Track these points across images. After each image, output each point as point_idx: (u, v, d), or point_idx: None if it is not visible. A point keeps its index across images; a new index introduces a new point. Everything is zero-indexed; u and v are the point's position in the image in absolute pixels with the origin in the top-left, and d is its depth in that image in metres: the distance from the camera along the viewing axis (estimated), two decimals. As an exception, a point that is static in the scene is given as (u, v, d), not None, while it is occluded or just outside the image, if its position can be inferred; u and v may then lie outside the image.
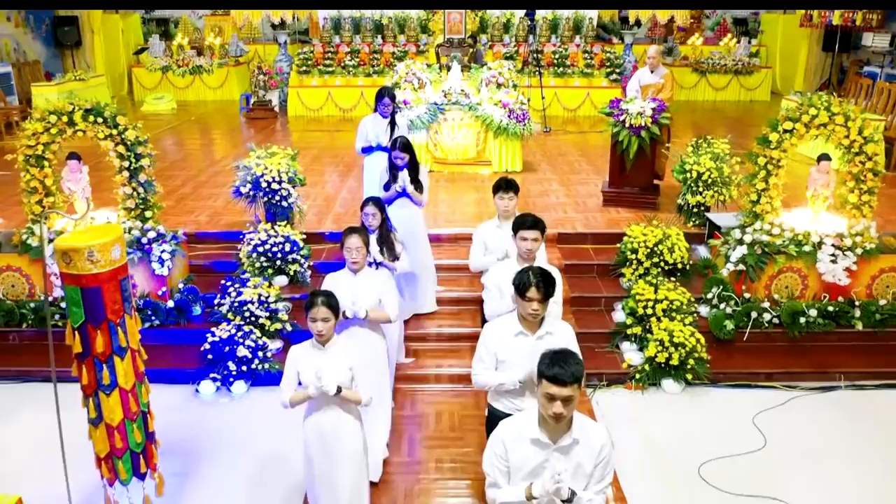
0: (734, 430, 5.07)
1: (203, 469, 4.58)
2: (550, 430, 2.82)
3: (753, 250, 5.87)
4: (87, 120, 5.88)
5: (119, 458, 2.91)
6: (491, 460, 2.91)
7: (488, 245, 4.76)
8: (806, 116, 5.90)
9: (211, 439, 4.93)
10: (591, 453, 2.85)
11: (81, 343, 2.69)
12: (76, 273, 2.60)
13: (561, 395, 2.68)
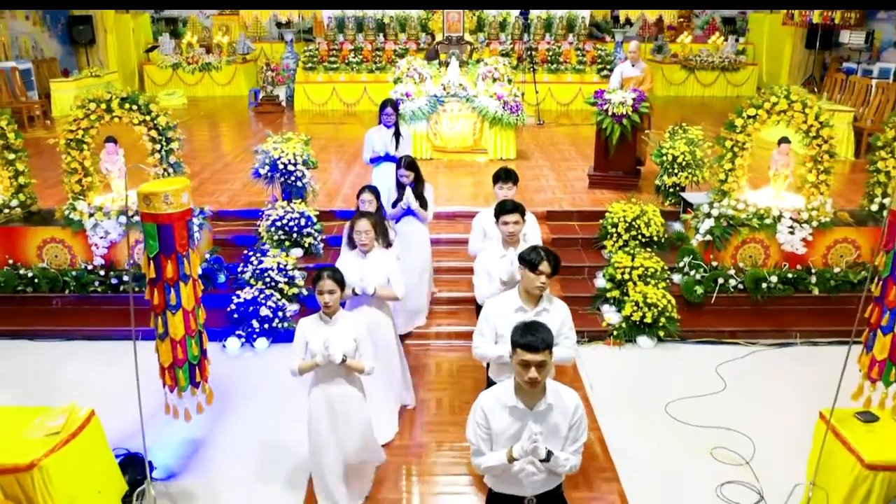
0: (699, 377, 5.82)
1: (230, 414, 5.27)
2: (526, 397, 2.98)
3: (720, 223, 6.63)
4: (123, 107, 6.62)
5: (179, 367, 3.64)
6: (473, 429, 3.06)
7: (487, 232, 5.07)
8: (767, 104, 6.65)
9: (237, 388, 5.63)
10: (566, 416, 3.02)
11: (155, 270, 3.43)
12: (154, 213, 3.34)
13: (534, 361, 2.85)
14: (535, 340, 2.85)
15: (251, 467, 4.69)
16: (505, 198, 4.96)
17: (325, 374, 3.98)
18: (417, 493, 4.51)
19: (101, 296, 6.72)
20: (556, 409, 3.00)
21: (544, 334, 2.89)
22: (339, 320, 3.98)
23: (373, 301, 4.71)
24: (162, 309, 3.51)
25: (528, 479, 3.05)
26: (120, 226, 6.66)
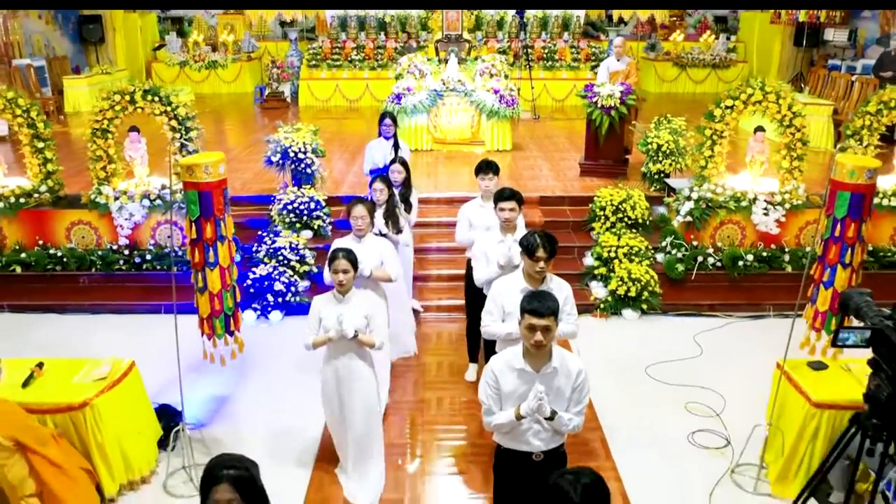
0: (678, 344, 6.39)
1: (250, 376, 5.82)
2: (533, 360, 3.20)
3: (699, 205, 7.20)
4: (146, 98, 7.19)
5: (216, 317, 4.19)
6: (485, 390, 3.29)
7: (472, 222, 5.37)
8: (744, 95, 7.22)
9: (255, 355, 6.15)
10: (569, 379, 3.24)
11: (196, 231, 3.98)
12: (195, 181, 3.90)
13: (540, 325, 3.07)
14: (541, 307, 3.07)
15: (270, 420, 5.23)
16: (487, 188, 5.32)
17: (337, 349, 4.22)
18: (420, 440, 5.06)
19: (124, 273, 7.28)
20: (560, 373, 3.21)
21: (550, 302, 3.10)
22: (352, 298, 4.21)
23: (368, 283, 4.90)
24: (202, 265, 4.07)
25: (535, 437, 3.26)
26: (143, 208, 7.23)
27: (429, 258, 7.51)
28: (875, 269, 7.29)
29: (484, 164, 5.44)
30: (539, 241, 3.79)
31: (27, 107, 7.37)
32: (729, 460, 4.80)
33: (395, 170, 5.97)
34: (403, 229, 5.76)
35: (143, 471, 4.56)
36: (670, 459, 4.85)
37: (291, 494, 4.42)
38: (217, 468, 2.50)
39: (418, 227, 7.54)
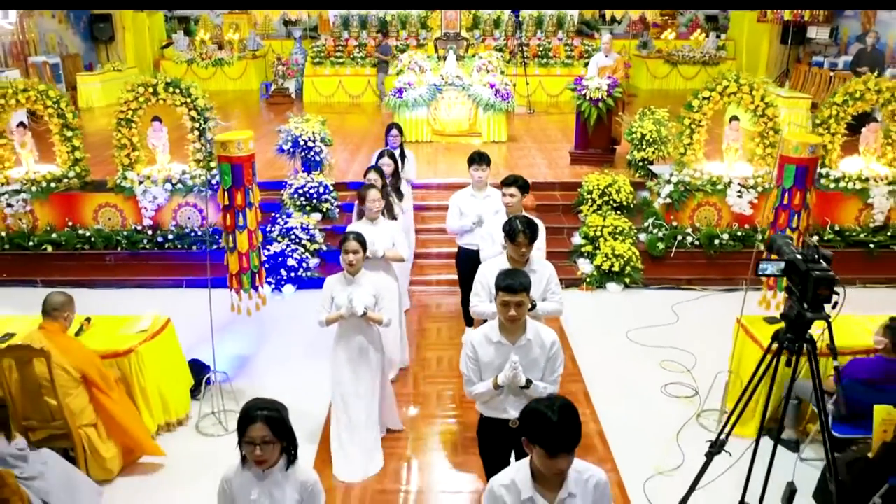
0: (657, 313, 7.05)
1: (268, 340, 6.47)
2: (509, 333, 3.45)
3: (678, 188, 7.86)
4: (168, 90, 7.85)
5: (244, 273, 4.86)
6: (465, 362, 3.54)
7: (462, 210, 5.67)
8: (720, 87, 7.90)
9: (271, 323, 6.80)
10: (543, 350, 3.46)
11: (228, 199, 4.64)
12: (228, 155, 4.56)
13: (513, 301, 3.31)
14: (514, 283, 3.31)
15: (287, 377, 5.86)
16: (479, 179, 5.66)
17: (348, 327, 4.52)
18: (422, 391, 5.73)
19: (148, 252, 7.93)
20: (534, 344, 3.45)
21: (522, 278, 3.35)
22: (361, 278, 4.49)
23: (380, 264, 5.19)
24: (232, 228, 4.73)
25: (511, 406, 3.50)
26: (166, 192, 7.88)
27: (429, 238, 8.17)
28: (841, 247, 7.94)
29: (476, 155, 5.74)
30: (520, 227, 4.00)
31: (57, 98, 8.02)
32: (696, 407, 5.47)
33: (384, 163, 6.23)
34: (398, 217, 6.04)
35: (178, 414, 5.21)
36: (644, 407, 5.51)
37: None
38: (253, 409, 2.85)
39: (420, 209, 8.25)
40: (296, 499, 2.96)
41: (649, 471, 4.75)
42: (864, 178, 8.00)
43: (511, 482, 2.70)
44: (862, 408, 4.33)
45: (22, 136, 8.16)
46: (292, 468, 2.97)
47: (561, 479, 2.64)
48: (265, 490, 2.92)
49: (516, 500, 2.68)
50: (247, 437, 2.83)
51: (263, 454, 2.83)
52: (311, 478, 3.04)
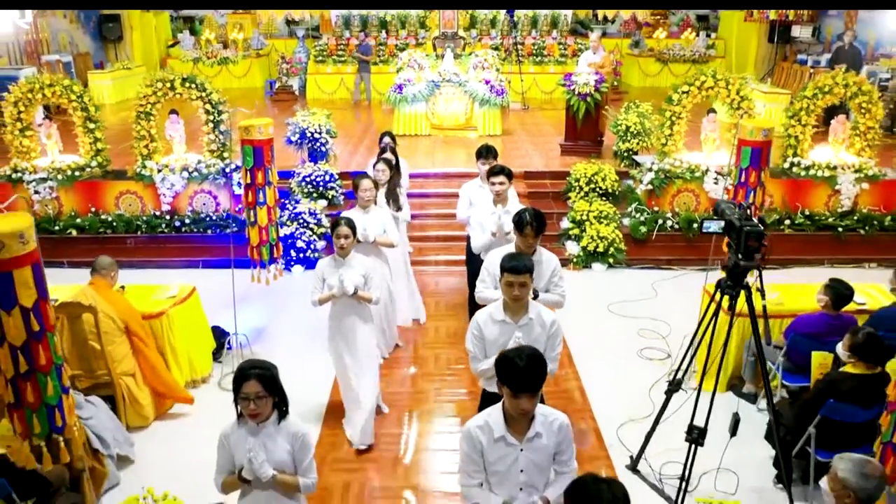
0: (637, 290, 7.71)
1: (274, 322, 7.04)
2: (512, 312, 3.67)
3: (659, 175, 8.53)
4: (184, 86, 8.51)
5: (263, 245, 5.52)
6: (471, 339, 3.74)
7: (472, 201, 5.98)
8: (698, 82, 8.57)
9: (278, 303, 7.43)
10: (544, 329, 3.68)
11: (250, 177, 5.30)
12: (251, 138, 5.22)
13: (517, 281, 3.53)
14: (518, 265, 3.53)
15: (298, 345, 6.50)
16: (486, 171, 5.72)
17: (340, 306, 4.87)
18: (421, 354, 6.39)
19: (166, 235, 8.58)
20: (536, 323, 3.68)
21: (525, 261, 3.58)
22: (351, 260, 4.82)
23: (371, 249, 5.53)
24: (253, 205, 5.39)
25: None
26: (183, 179, 8.54)
27: (428, 223, 8.82)
28: (812, 230, 8.61)
29: (484, 149, 6.11)
30: (528, 219, 4.23)
31: (80, 92, 8.67)
32: (668, 367, 6.12)
33: (380, 169, 6.35)
34: (403, 207, 6.43)
35: (203, 372, 5.88)
36: (621, 368, 6.17)
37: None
38: (247, 368, 3.12)
39: (420, 196, 8.91)
40: (287, 449, 3.21)
41: (622, 419, 5.41)
42: (832, 167, 8.66)
43: (485, 423, 3.02)
44: (807, 359, 4.99)
45: (48, 128, 8.82)
46: (284, 422, 3.23)
47: (528, 421, 2.98)
48: (259, 441, 3.15)
49: (489, 439, 2.99)
50: (242, 393, 3.10)
51: (257, 408, 3.09)
52: (301, 430, 3.27)
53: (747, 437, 4.95)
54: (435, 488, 4.73)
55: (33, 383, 3.06)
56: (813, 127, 8.78)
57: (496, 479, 3.06)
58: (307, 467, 3.28)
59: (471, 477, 3.08)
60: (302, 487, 3.27)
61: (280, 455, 3.20)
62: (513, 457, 3.01)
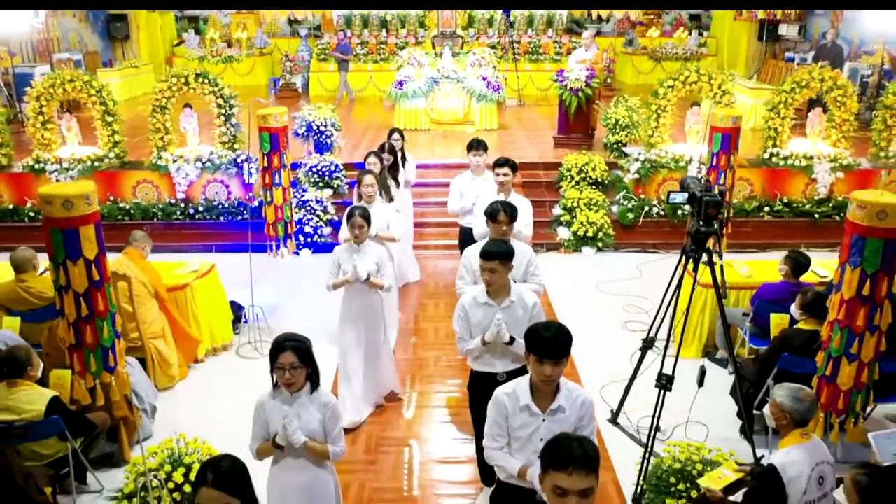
0: (624, 270, 8.29)
1: (285, 301, 7.57)
2: (494, 295, 3.91)
3: (645, 165, 9.11)
4: (198, 81, 9.09)
5: (279, 223, 6.10)
6: (457, 321, 4.01)
7: (463, 193, 6.23)
8: (682, 76, 9.15)
9: (292, 280, 8.01)
10: (525, 311, 3.87)
11: (266, 161, 5.88)
12: (268, 125, 5.80)
13: (487, 267, 3.81)
14: (490, 250, 3.82)
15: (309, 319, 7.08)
16: (477, 164, 6.18)
17: (352, 291, 5.17)
18: (421, 327, 6.96)
19: (181, 222, 9.15)
20: (517, 305, 3.91)
21: (500, 247, 3.84)
22: (365, 248, 5.08)
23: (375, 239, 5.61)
24: (270, 185, 5.97)
25: (498, 361, 3.98)
26: (196, 169, 9.11)
27: (428, 210, 9.40)
28: (790, 217, 9.19)
29: (475, 141, 6.34)
30: (500, 207, 4.51)
31: (99, 88, 9.25)
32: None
33: (371, 162, 6.60)
34: (395, 198, 6.73)
35: (223, 340, 6.45)
36: (606, 338, 6.75)
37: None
38: (283, 340, 3.31)
39: (420, 186, 9.47)
40: (318, 418, 3.41)
41: (605, 381, 5.99)
42: (809, 157, 9.24)
43: (513, 391, 3.21)
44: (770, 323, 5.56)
45: (68, 121, 9.39)
46: (316, 392, 3.43)
47: (553, 394, 3.14)
48: (293, 410, 3.34)
49: (515, 406, 3.18)
50: (278, 364, 3.29)
51: (292, 377, 3.29)
52: (331, 400, 3.48)
53: (717, 394, 5.57)
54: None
55: (92, 327, 3.62)
56: (791, 119, 9.38)
57: (517, 444, 3.23)
58: (336, 436, 3.46)
59: (495, 440, 3.27)
60: (331, 454, 3.47)
61: (312, 423, 3.39)
62: (535, 426, 3.17)
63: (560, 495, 2.29)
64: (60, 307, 3.57)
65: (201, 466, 2.50)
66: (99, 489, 4.77)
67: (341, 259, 5.11)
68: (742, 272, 6.36)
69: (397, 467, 5.01)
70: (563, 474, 2.28)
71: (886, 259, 3.31)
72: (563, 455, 2.32)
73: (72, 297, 3.52)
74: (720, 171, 6.03)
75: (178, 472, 4.50)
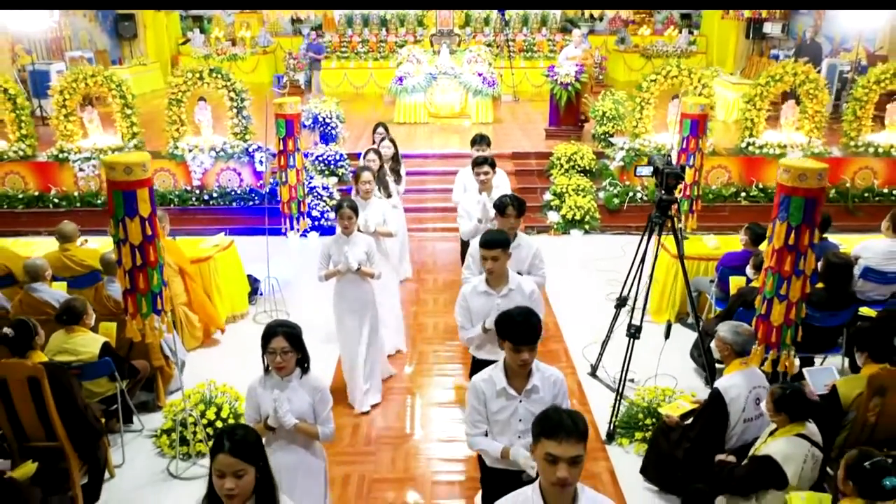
0: (609, 250, 9.01)
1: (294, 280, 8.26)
2: (494, 284, 4.04)
3: (630, 153, 9.85)
4: (211, 76, 9.81)
5: (293, 201, 6.82)
6: (459, 310, 4.12)
7: (467, 186, 6.48)
8: (664, 71, 9.90)
9: (298, 265, 8.65)
10: (524, 298, 3.94)
11: (282, 145, 6.60)
12: (283, 113, 6.52)
13: (489, 255, 3.94)
14: (490, 239, 3.93)
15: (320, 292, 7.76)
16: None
17: (344, 281, 5.34)
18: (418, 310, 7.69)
19: (196, 208, 9.87)
20: (516, 293, 4.02)
21: (499, 236, 4.00)
22: (355, 238, 5.24)
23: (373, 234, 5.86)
24: (285, 167, 6.69)
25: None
26: (211, 158, 9.84)
27: (427, 196, 10.12)
28: (765, 202, 9.91)
29: (478, 136, 6.69)
30: (509, 201, 4.67)
31: (119, 82, 9.97)
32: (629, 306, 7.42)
33: (370, 159, 6.84)
34: (393, 194, 7.01)
35: (242, 309, 7.19)
36: (589, 307, 7.48)
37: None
38: (274, 326, 3.47)
39: (420, 174, 10.21)
40: (308, 401, 3.55)
41: (587, 341, 6.72)
42: (782, 146, 9.98)
43: (489, 377, 3.39)
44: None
45: (90, 114, 10.11)
46: (306, 377, 3.57)
47: (527, 375, 3.32)
48: (284, 394, 3.48)
49: (492, 390, 3.35)
50: (269, 348, 3.43)
51: (283, 361, 3.43)
52: (321, 385, 3.60)
53: (686, 352, 6.32)
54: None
55: (144, 274, 4.33)
56: (767, 111, 10.12)
57: (497, 427, 3.40)
58: (325, 418, 3.60)
59: (475, 427, 3.44)
60: (321, 435, 3.61)
61: (302, 406, 3.52)
62: (512, 408, 3.34)
63: (551, 462, 2.42)
64: (119, 257, 4.28)
65: (217, 435, 2.61)
66: (140, 428, 5.51)
67: (331, 250, 5.28)
68: (711, 245, 7.10)
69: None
70: (554, 442, 2.41)
71: (807, 213, 4.02)
72: (554, 424, 2.45)
73: (128, 248, 4.22)
74: (690, 153, 6.74)
75: (211, 410, 5.25)
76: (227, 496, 2.51)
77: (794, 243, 4.10)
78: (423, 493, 4.86)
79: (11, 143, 10.04)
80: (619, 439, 5.29)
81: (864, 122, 10.17)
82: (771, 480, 3.74)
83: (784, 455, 3.70)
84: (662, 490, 4.77)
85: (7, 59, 13.70)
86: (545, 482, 2.48)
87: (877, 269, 6.23)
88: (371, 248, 5.32)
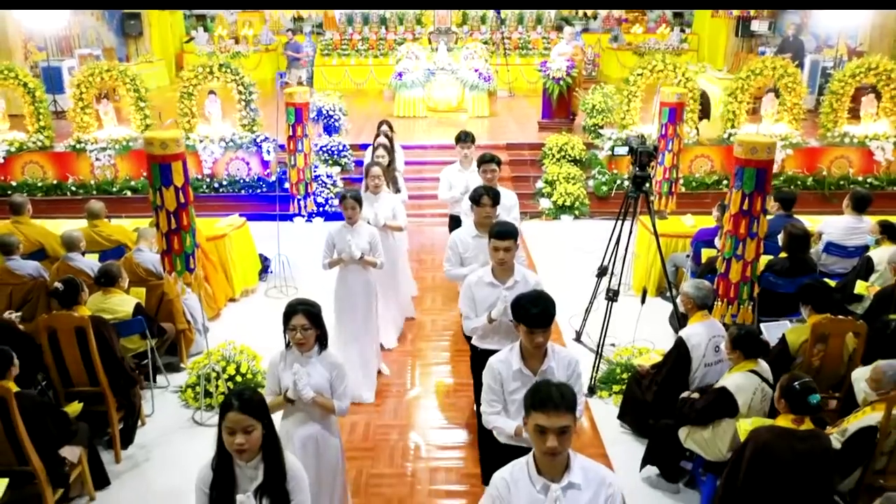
0: (597, 234, 9.55)
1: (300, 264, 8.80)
2: (500, 275, 4.11)
3: (617, 143, 10.48)
4: (221, 70, 10.43)
5: (301, 183, 7.44)
6: (463, 300, 4.19)
7: (452, 183, 6.73)
8: (650, 65, 10.53)
9: (304, 248, 9.24)
10: (528, 289, 3.89)
11: (292, 131, 7.22)
12: (293, 101, 7.15)
13: (503, 246, 4.01)
14: (503, 230, 4.04)
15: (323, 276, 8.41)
16: (466, 155, 6.56)
17: (347, 270, 5.57)
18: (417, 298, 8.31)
19: (206, 195, 10.47)
20: (521, 284, 4.11)
21: (510, 227, 4.10)
22: (359, 228, 5.45)
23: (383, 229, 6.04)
24: (294, 151, 7.31)
25: (502, 338, 4.14)
26: (220, 148, 10.45)
27: (426, 185, 10.74)
28: (745, 189, 10.54)
29: (463, 134, 6.72)
30: (483, 191, 4.84)
31: (133, 76, 10.59)
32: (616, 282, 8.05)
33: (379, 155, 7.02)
34: (402, 189, 7.12)
35: (253, 284, 7.82)
36: (578, 283, 8.09)
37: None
38: (295, 304, 3.62)
39: (419, 164, 10.83)
40: (326, 376, 3.69)
41: (573, 312, 7.33)
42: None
43: (505, 358, 3.53)
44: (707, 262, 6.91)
45: (105, 106, 10.73)
46: (324, 353, 3.74)
47: (542, 356, 3.46)
48: (304, 369, 3.62)
49: (508, 371, 3.48)
50: (290, 325, 3.59)
51: (303, 338, 3.59)
52: (338, 361, 3.77)
53: (663, 322, 6.94)
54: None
55: (178, 237, 4.95)
56: (748, 104, 10.75)
57: (514, 407, 3.50)
58: (342, 393, 3.75)
59: (491, 405, 3.57)
60: (337, 409, 3.75)
61: (320, 381, 3.67)
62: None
63: (540, 433, 2.53)
64: (157, 222, 4.91)
65: (226, 396, 2.85)
66: (166, 385, 6.13)
67: (336, 239, 5.46)
68: (688, 223, 7.73)
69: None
70: (543, 414, 2.51)
71: (759, 182, 4.65)
72: (542, 397, 2.55)
73: (165, 214, 4.84)
74: (668, 138, 7.36)
75: (231, 367, 5.88)
76: (238, 451, 2.75)
77: (748, 209, 4.73)
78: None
79: (31, 134, 10.64)
80: (599, 392, 5.91)
81: (840, 114, 10.80)
82: (725, 409, 4.35)
83: (737, 386, 4.32)
84: (636, 434, 5.40)
85: (21, 56, 14.30)
86: (537, 452, 2.61)
87: (838, 243, 6.86)
88: (374, 238, 5.50)
